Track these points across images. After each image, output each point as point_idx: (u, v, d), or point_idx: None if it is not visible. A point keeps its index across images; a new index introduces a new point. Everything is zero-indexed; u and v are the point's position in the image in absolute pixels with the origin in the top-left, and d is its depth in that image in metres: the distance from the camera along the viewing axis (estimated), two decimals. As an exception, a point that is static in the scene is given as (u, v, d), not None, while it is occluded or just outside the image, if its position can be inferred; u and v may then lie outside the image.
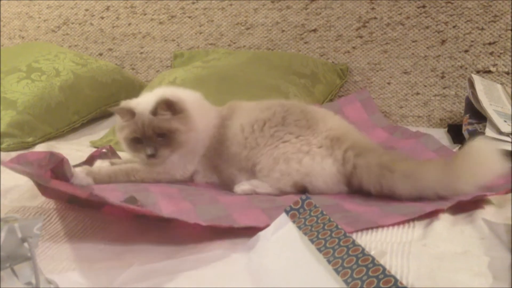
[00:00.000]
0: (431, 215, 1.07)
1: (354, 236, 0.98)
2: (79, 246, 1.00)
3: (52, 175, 1.19)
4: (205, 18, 2.29)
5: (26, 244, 0.71)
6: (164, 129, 1.35)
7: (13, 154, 1.66)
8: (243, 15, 2.24)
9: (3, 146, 1.73)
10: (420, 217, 1.07)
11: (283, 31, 2.19)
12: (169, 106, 1.36)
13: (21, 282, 0.71)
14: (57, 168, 1.18)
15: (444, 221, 1.04)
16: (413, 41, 2.02)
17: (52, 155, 1.17)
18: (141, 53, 2.41)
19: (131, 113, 1.36)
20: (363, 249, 0.75)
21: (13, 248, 0.70)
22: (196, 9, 2.30)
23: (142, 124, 1.35)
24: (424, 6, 1.99)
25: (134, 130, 1.36)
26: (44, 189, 1.17)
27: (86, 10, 2.44)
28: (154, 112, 1.35)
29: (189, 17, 2.31)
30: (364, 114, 1.89)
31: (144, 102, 1.39)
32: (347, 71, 2.09)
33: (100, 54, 2.45)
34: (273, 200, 1.22)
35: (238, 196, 1.29)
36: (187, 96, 1.44)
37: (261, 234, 0.97)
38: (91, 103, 2.02)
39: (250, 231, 1.01)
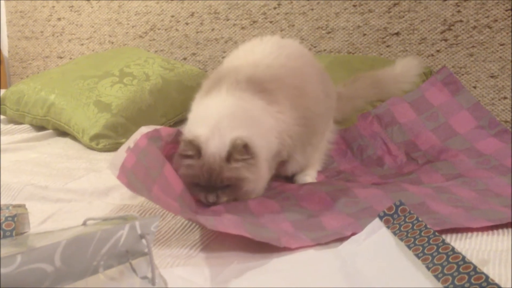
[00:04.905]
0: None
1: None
2: (180, 243, 1.06)
3: (170, 151, 1.30)
4: (286, 23, 2.33)
5: (143, 241, 0.77)
6: (233, 179, 1.23)
7: (107, 154, 1.78)
8: (324, 19, 2.26)
9: (99, 146, 1.84)
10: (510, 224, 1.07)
11: (364, 34, 2.19)
12: (246, 152, 1.22)
13: (138, 276, 0.77)
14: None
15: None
16: (501, 44, 1.97)
17: (178, 132, 1.30)
18: (223, 57, 2.47)
19: (197, 152, 1.22)
20: (464, 257, 0.76)
21: (132, 244, 0.76)
22: (278, 14, 2.34)
23: (209, 171, 1.21)
24: (513, 8, 1.94)
25: (196, 176, 1.23)
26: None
27: (172, 16, 2.54)
28: (228, 159, 1.22)
29: (271, 22, 2.36)
30: (447, 94, 1.78)
31: (214, 137, 1.22)
32: (431, 75, 2.06)
33: (184, 59, 2.55)
34: (356, 203, 1.25)
35: (320, 198, 1.31)
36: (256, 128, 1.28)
37: (354, 238, 1.00)
38: (177, 106, 2.11)
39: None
